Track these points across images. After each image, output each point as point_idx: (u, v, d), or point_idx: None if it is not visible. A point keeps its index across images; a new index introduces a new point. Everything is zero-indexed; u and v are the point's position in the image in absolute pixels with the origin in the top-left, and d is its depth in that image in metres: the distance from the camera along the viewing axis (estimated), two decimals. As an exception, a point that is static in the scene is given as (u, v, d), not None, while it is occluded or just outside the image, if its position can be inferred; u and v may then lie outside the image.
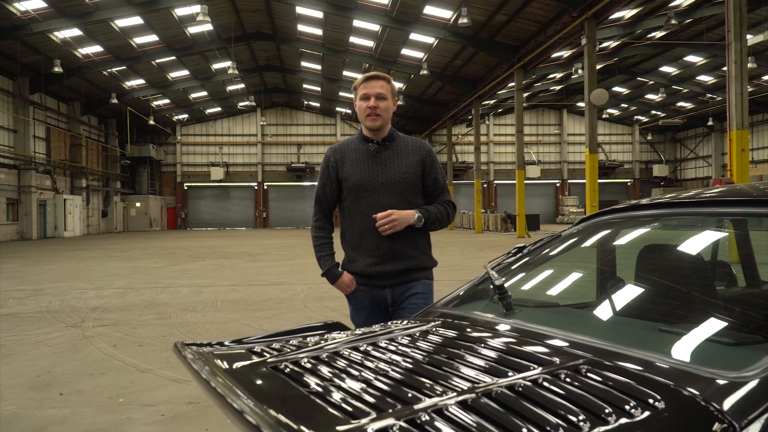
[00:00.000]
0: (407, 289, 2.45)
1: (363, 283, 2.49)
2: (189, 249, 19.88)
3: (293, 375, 1.19)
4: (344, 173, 2.49)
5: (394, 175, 2.46)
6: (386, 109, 2.49)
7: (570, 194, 45.73)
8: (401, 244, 2.45)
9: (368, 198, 2.45)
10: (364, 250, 2.46)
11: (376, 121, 2.47)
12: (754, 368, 1.02)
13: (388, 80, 2.53)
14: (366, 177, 2.46)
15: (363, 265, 2.46)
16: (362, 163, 2.49)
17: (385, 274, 2.44)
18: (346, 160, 2.51)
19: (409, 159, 2.50)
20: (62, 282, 10.35)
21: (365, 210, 2.45)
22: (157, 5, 22.86)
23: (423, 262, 2.50)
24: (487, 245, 19.74)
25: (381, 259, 2.44)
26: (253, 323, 6.36)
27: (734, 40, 11.65)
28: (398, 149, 2.52)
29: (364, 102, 2.48)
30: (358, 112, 2.52)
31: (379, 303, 2.48)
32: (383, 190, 2.45)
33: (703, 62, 29.85)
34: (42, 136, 30.42)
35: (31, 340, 5.57)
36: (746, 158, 11.64)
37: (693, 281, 1.69)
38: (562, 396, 0.98)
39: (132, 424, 3.32)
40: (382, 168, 2.47)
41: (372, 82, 2.49)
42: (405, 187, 2.46)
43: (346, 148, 2.55)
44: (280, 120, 45.51)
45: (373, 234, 2.44)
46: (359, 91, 2.52)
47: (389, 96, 2.51)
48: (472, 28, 23.03)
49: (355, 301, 2.53)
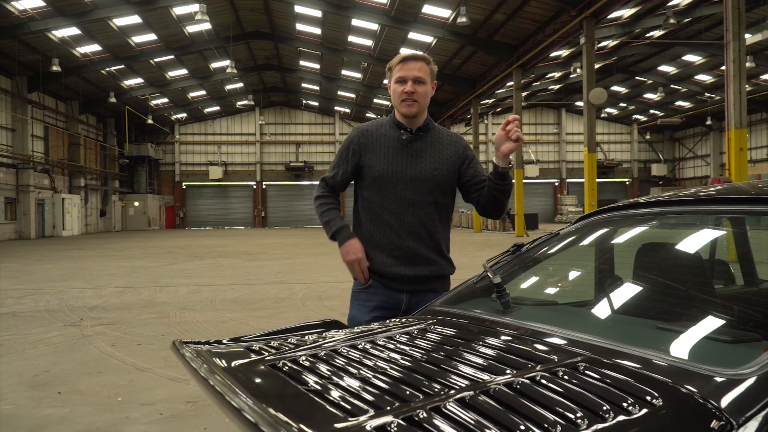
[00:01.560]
0: (425, 300, 2.14)
1: (378, 281, 2.23)
2: (187, 248, 19.86)
3: (292, 373, 1.19)
4: (369, 160, 2.23)
5: (426, 170, 2.21)
6: (424, 94, 2.22)
7: (568, 193, 45.74)
8: (424, 246, 2.21)
9: (392, 192, 2.20)
10: (381, 248, 2.22)
11: (412, 107, 2.19)
12: (752, 366, 1.03)
13: (429, 61, 2.25)
14: (394, 169, 2.20)
15: (379, 264, 2.22)
16: (391, 152, 2.22)
17: (403, 278, 2.20)
18: (373, 145, 2.24)
19: (443, 153, 2.24)
20: (60, 281, 10.34)
21: (387, 205, 2.20)
22: (156, 4, 22.84)
23: (444, 269, 2.27)
24: (485, 244, 19.75)
25: (400, 260, 2.20)
26: (251, 322, 6.35)
27: (733, 39, 11.66)
28: (433, 141, 2.26)
29: (400, 85, 2.20)
30: (393, 96, 2.25)
31: (393, 306, 2.22)
32: (410, 185, 2.20)
33: (702, 61, 29.88)
34: (40, 135, 30.36)
35: (30, 339, 5.57)
36: (744, 157, 11.66)
37: (691, 279, 1.69)
38: (560, 394, 0.99)
39: (130, 423, 3.31)
40: (412, 160, 2.21)
41: (410, 63, 2.21)
42: (435, 185, 2.21)
43: (375, 132, 2.27)
44: (278, 119, 45.49)
45: (393, 232, 2.20)
46: (394, 73, 2.23)
47: (428, 79, 2.23)
48: (471, 27, 23.03)
49: (365, 297, 2.25)
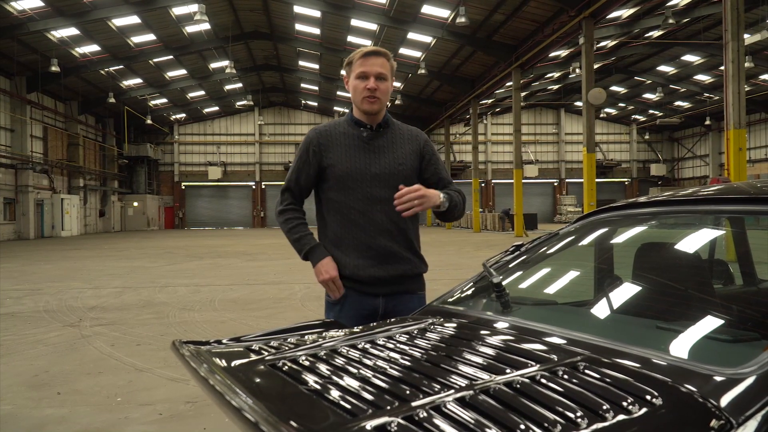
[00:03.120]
0: (401, 303, 2.13)
1: (351, 288, 2.14)
2: (187, 248, 19.85)
3: (291, 373, 1.19)
4: (330, 160, 2.15)
5: (389, 165, 2.16)
6: (386, 91, 2.16)
7: (568, 193, 45.76)
8: (396, 244, 2.14)
9: (358, 190, 2.13)
10: (351, 249, 2.13)
11: (374, 104, 2.14)
12: (751, 365, 1.03)
13: (389, 57, 2.19)
14: (357, 166, 2.14)
15: (353, 268, 2.12)
16: (353, 149, 2.16)
17: (378, 279, 2.12)
18: (332, 145, 2.17)
19: (405, 148, 2.21)
20: (60, 281, 10.33)
21: (354, 204, 2.13)
22: (155, 4, 22.83)
23: (418, 267, 2.21)
24: (484, 244, 19.74)
25: (373, 261, 2.12)
26: (251, 322, 6.35)
27: (731, 39, 11.67)
28: (393, 137, 2.22)
29: (362, 82, 2.13)
30: (352, 93, 2.17)
31: (370, 313, 2.13)
32: (376, 182, 2.13)
33: (701, 61, 29.91)
34: (39, 135, 30.33)
35: (29, 340, 5.56)
36: (743, 157, 11.67)
37: (690, 279, 1.69)
38: (560, 393, 0.99)
39: (130, 424, 3.31)
40: (375, 157, 2.16)
41: (372, 58, 2.14)
42: (400, 180, 2.12)
43: (333, 131, 2.20)
44: (277, 119, 45.49)
45: (363, 231, 2.12)
46: (355, 68, 2.16)
47: (389, 76, 2.18)
48: (470, 27, 23.04)
49: (339, 309, 2.16)
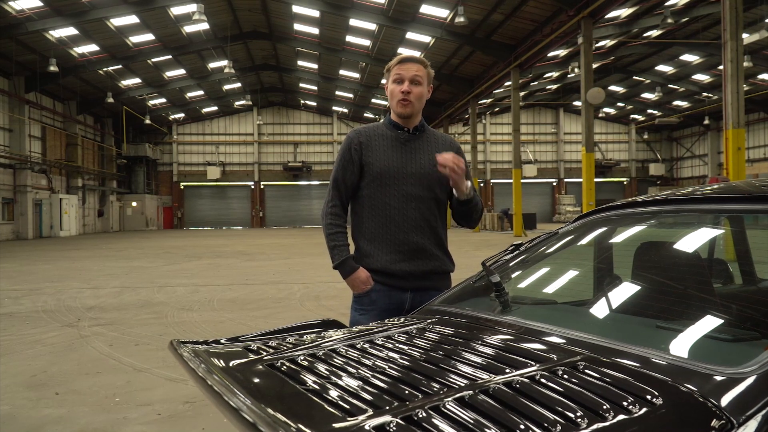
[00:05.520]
0: (428, 299, 2.15)
1: (381, 282, 2.23)
2: (185, 248, 19.84)
3: (290, 373, 1.19)
4: (369, 158, 2.25)
5: (425, 165, 2.25)
6: (420, 96, 2.26)
7: (567, 193, 45.79)
8: (427, 241, 2.24)
9: (394, 187, 2.22)
10: (386, 244, 2.22)
11: (407, 108, 2.24)
12: (752, 364, 1.02)
13: (426, 65, 2.29)
14: (394, 164, 2.24)
15: (384, 262, 2.21)
16: (390, 149, 2.26)
17: (410, 273, 2.21)
18: (371, 144, 2.27)
19: (440, 151, 2.26)
20: (58, 281, 10.32)
21: (390, 200, 2.22)
22: (153, 4, 22.81)
23: (446, 265, 2.30)
24: (484, 244, 19.75)
25: (405, 255, 2.21)
26: (249, 322, 6.34)
27: (730, 38, 11.68)
28: (429, 140, 2.32)
29: (397, 85, 2.25)
30: (389, 96, 2.29)
31: (397, 307, 2.21)
32: (411, 181, 2.23)
33: (699, 61, 29.94)
34: (38, 135, 30.31)
35: (27, 340, 5.55)
36: (742, 157, 11.68)
37: (690, 278, 1.69)
38: (559, 392, 0.98)
39: (128, 424, 3.30)
40: (412, 157, 2.26)
41: (408, 64, 2.25)
42: (434, 181, 2.24)
43: (373, 132, 2.31)
44: (276, 119, 45.46)
45: (397, 227, 2.21)
46: (392, 73, 2.27)
47: (425, 82, 2.28)
48: (469, 27, 23.05)
49: (368, 302, 2.24)
